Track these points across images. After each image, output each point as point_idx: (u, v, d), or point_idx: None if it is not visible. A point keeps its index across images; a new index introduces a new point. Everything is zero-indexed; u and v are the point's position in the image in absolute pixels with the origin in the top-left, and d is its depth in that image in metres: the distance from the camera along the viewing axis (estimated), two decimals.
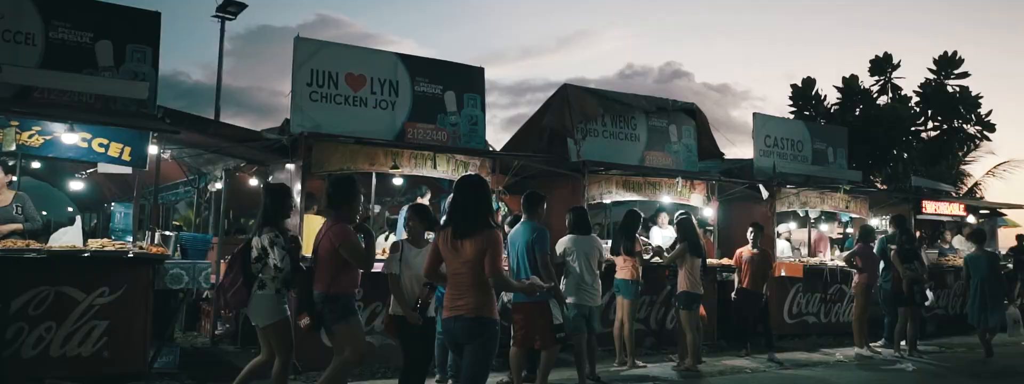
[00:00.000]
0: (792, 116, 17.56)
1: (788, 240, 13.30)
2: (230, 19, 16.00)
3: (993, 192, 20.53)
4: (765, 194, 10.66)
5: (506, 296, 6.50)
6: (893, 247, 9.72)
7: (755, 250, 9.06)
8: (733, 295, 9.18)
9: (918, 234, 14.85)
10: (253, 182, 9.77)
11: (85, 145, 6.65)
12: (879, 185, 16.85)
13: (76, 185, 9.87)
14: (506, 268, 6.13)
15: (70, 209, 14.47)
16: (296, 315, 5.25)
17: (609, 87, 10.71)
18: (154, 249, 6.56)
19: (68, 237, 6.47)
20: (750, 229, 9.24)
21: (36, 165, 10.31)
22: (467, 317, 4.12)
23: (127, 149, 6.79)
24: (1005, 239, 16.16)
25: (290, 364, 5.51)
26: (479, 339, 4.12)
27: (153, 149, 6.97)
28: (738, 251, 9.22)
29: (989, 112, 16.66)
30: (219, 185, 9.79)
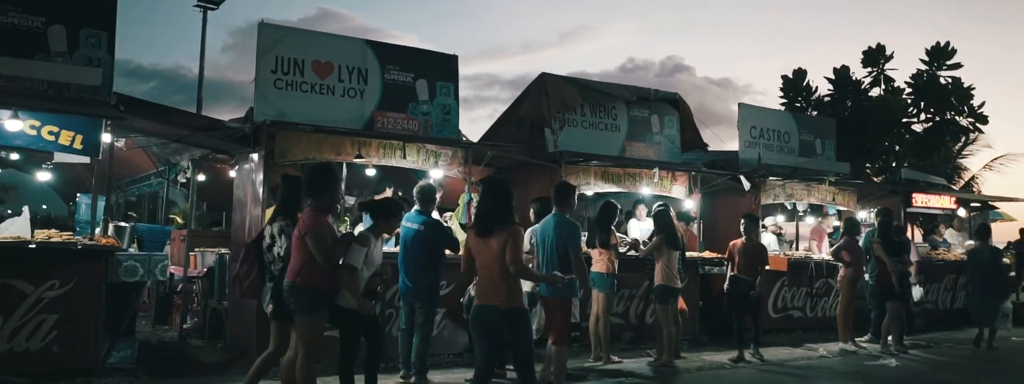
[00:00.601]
0: (784, 108, 17.31)
1: (777, 234, 13.08)
2: (212, 9, 15.76)
3: (989, 186, 20.35)
4: (747, 185, 10.43)
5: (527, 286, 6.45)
6: (876, 241, 9.49)
7: (748, 241, 8.71)
8: (725, 285, 8.89)
9: (911, 229, 14.69)
10: (233, 174, 9.55)
11: (33, 133, 6.40)
12: (875, 178, 16.61)
13: (44, 176, 9.62)
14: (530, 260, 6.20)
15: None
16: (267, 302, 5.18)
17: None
18: (104, 240, 6.34)
19: (15, 229, 6.25)
20: (742, 221, 8.95)
21: (15, 157, 10.12)
22: (502, 308, 4.60)
23: (79, 137, 6.55)
24: (999, 233, 15.97)
25: (274, 358, 5.37)
26: (515, 327, 4.64)
27: (107, 137, 6.74)
28: (731, 243, 8.91)
29: (982, 104, 16.44)
30: (194, 177, 9.64)
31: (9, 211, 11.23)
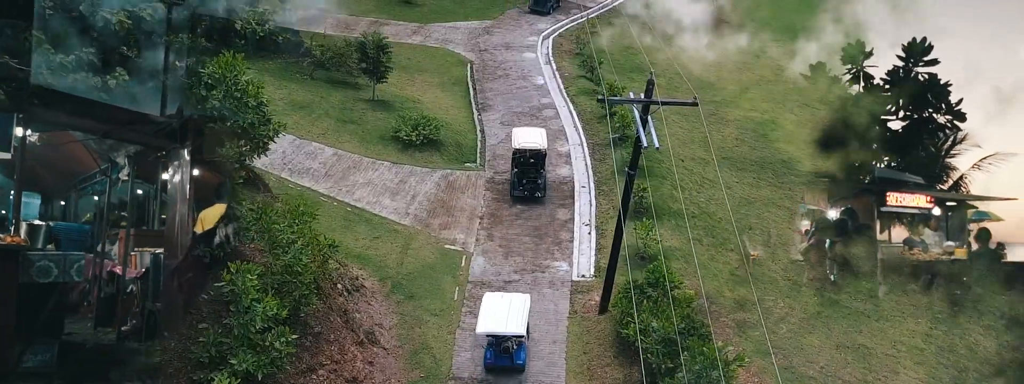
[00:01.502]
0: None
1: None
2: (177, 4, 15.40)
3: (978, 185, 19.99)
4: None
5: None
6: (837, 240, 9.21)
7: None
8: None
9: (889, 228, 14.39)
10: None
11: None
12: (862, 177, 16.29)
13: None
14: None
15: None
16: None
17: None
18: (11, 240, 6.05)
19: None
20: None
21: None
22: None
23: None
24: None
25: None
26: None
27: (19, 131, 6.44)
28: None
29: (959, 101, 16.14)
30: (149, 173, 9.37)
31: (3, 212, 11.01)
